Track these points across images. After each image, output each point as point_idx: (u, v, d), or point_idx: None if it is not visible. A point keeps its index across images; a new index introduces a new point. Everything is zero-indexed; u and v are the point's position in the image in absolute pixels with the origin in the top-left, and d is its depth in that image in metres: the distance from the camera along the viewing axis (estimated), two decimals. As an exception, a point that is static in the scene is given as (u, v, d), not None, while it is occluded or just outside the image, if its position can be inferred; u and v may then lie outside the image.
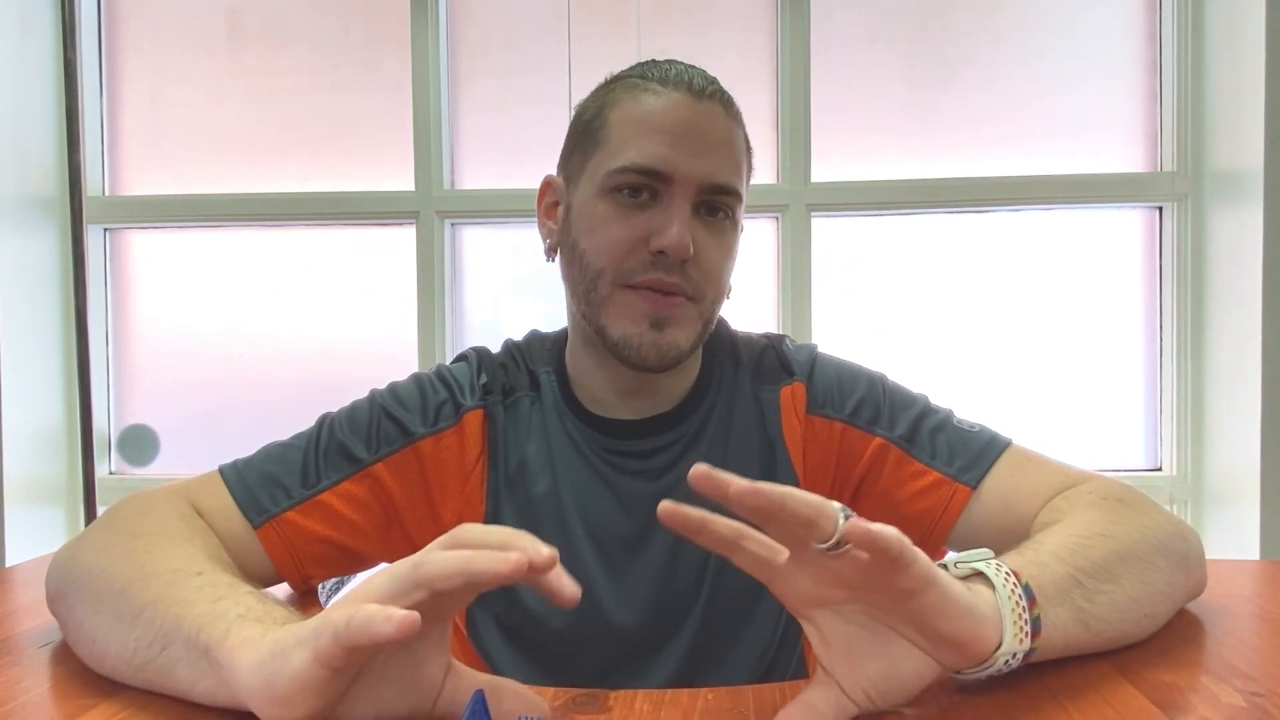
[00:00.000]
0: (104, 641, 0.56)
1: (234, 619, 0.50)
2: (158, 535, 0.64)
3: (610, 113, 0.77)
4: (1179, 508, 1.94)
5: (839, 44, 1.99)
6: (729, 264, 0.79)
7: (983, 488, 0.76)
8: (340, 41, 2.06)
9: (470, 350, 0.87)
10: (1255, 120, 1.75)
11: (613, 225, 0.74)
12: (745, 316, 1.95)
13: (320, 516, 0.75)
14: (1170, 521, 0.68)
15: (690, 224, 0.74)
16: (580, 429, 0.81)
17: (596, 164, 0.76)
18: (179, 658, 0.51)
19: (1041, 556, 0.57)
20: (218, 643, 0.48)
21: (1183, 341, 1.93)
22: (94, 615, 0.58)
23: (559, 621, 0.78)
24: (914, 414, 0.81)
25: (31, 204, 1.97)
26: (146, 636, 0.53)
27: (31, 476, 1.95)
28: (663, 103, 0.74)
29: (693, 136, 0.73)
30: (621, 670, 0.79)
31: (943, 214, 1.99)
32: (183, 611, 0.52)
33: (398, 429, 0.79)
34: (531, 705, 0.50)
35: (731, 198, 0.76)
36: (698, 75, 0.77)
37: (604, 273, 0.75)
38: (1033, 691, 0.54)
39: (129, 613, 0.55)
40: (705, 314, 0.78)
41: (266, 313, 2.08)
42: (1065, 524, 0.64)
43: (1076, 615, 0.55)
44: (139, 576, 0.58)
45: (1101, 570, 0.58)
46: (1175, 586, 0.64)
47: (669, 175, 0.73)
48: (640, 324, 0.74)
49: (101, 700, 0.54)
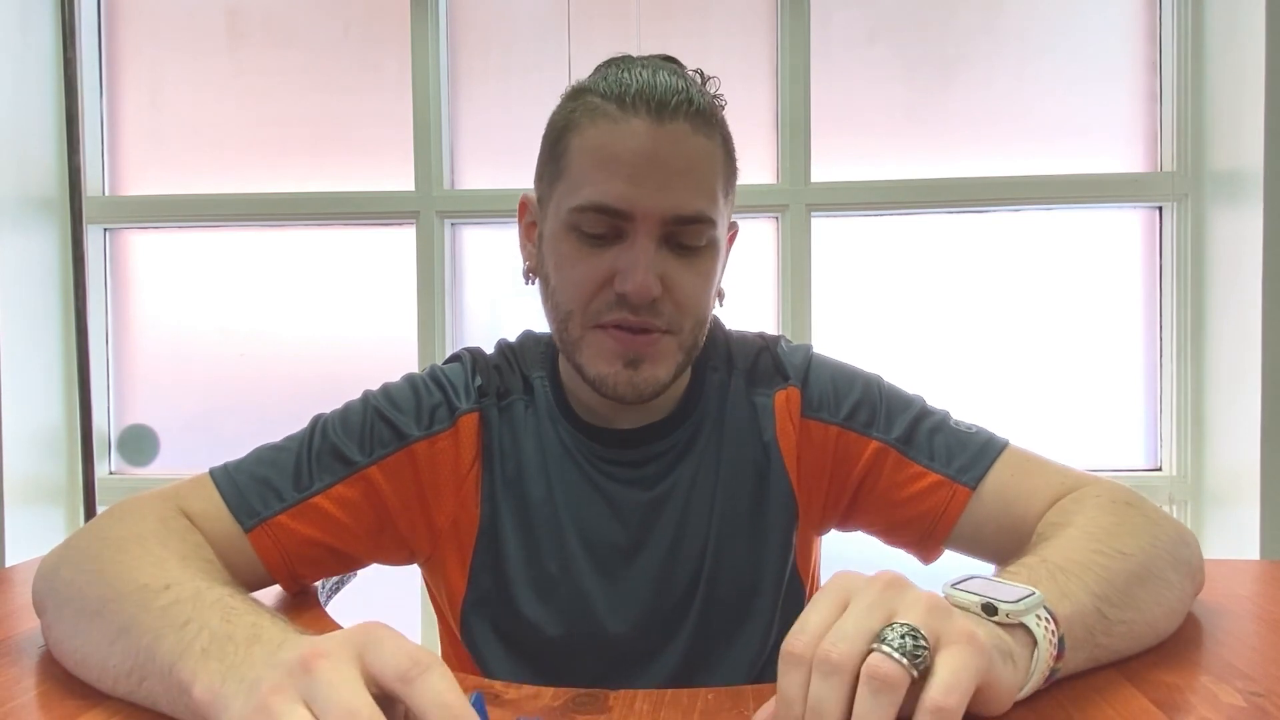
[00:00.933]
0: (85, 665, 0.56)
1: (199, 654, 0.48)
2: (130, 541, 0.62)
3: (571, 139, 0.73)
4: (1179, 508, 1.94)
5: (839, 44, 1.99)
6: (707, 290, 0.76)
7: (982, 488, 0.76)
8: (340, 41, 2.06)
9: (463, 351, 0.87)
10: (1255, 120, 1.75)
11: (578, 265, 0.72)
12: (745, 317, 1.95)
13: (312, 520, 0.74)
14: (1173, 525, 0.68)
15: (659, 258, 0.71)
16: (574, 436, 0.81)
17: (560, 196, 0.73)
18: (158, 693, 0.51)
19: (1071, 587, 0.55)
20: (187, 686, 0.48)
21: (1183, 341, 1.93)
22: (73, 636, 0.58)
23: (554, 630, 0.78)
24: (911, 416, 0.80)
25: (31, 204, 1.97)
26: (124, 666, 0.53)
27: (31, 476, 1.95)
28: (621, 132, 0.69)
29: (654, 168, 0.69)
30: (616, 677, 0.78)
31: (943, 214, 1.99)
32: (154, 644, 0.51)
33: (392, 431, 0.78)
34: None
35: (704, 225, 0.72)
36: (661, 86, 0.70)
37: (573, 315, 0.73)
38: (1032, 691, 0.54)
39: (105, 638, 0.55)
40: (685, 343, 0.75)
41: (266, 313, 2.08)
42: (1083, 533, 0.63)
43: (1091, 655, 0.56)
44: (111, 596, 0.56)
45: (1124, 598, 0.57)
46: (1185, 600, 0.65)
47: (629, 213, 0.69)
48: (614, 364, 0.73)
49: (101, 700, 0.54)
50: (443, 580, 0.82)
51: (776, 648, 0.83)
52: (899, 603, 0.45)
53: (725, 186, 0.76)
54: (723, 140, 0.75)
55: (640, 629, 0.79)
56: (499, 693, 0.57)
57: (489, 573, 0.79)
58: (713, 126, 0.73)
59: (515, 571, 0.79)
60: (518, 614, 0.78)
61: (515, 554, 0.79)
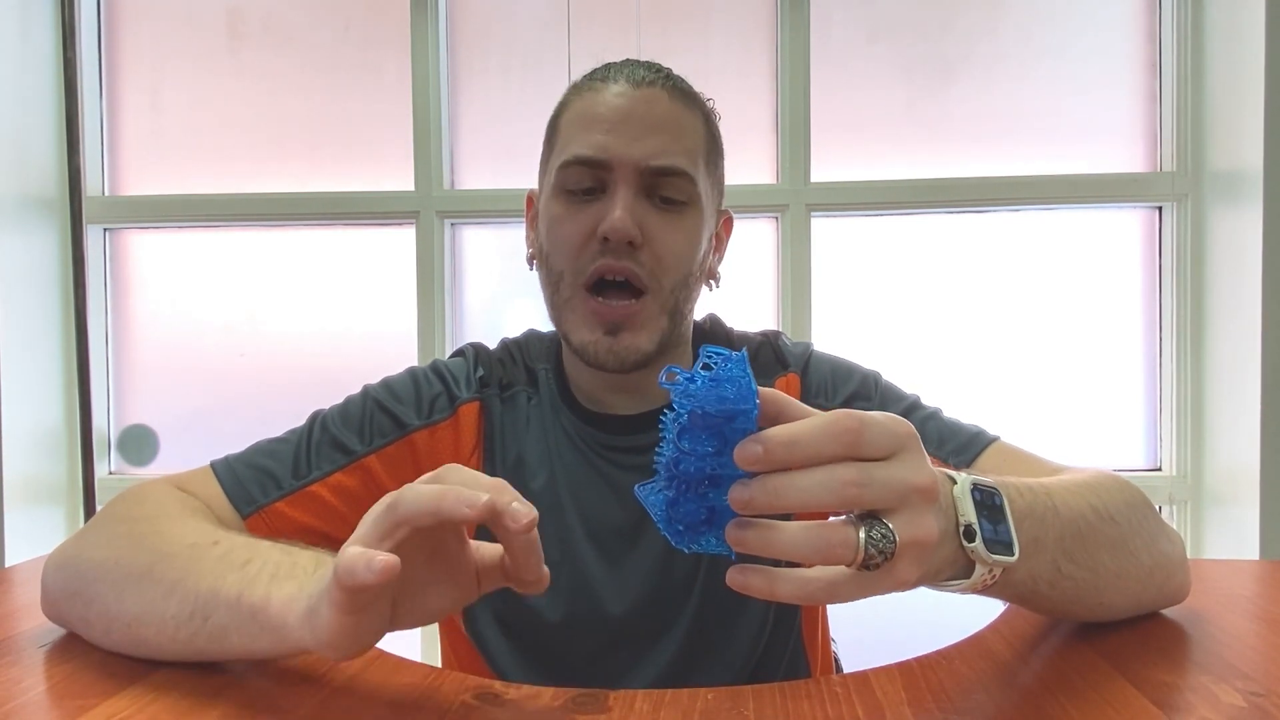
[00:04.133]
0: (139, 624, 0.57)
1: (268, 580, 0.53)
2: (158, 518, 0.64)
3: (561, 117, 0.80)
4: (1179, 508, 1.94)
5: (839, 44, 1.99)
6: (691, 250, 0.78)
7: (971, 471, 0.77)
8: (340, 41, 2.06)
9: (467, 346, 0.88)
10: (1255, 120, 1.75)
11: (565, 223, 0.76)
12: (745, 316, 1.95)
13: (309, 508, 0.75)
14: (1161, 520, 0.68)
15: (639, 208, 0.74)
16: (576, 424, 0.83)
17: (550, 165, 0.79)
18: (227, 624, 0.54)
19: (1046, 535, 0.54)
20: (261, 607, 0.52)
21: (1183, 341, 1.93)
22: (120, 602, 0.59)
23: (556, 613, 0.79)
24: (904, 406, 0.83)
25: (31, 204, 1.97)
26: (184, 611, 0.55)
27: (31, 476, 1.95)
28: (601, 96, 0.76)
29: (630, 121, 0.74)
30: (618, 659, 0.79)
31: (943, 214, 1.99)
32: (216, 583, 0.54)
33: (391, 421, 0.79)
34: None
35: (681, 179, 0.75)
36: (644, 68, 0.77)
37: (563, 276, 0.76)
38: (1033, 691, 0.54)
39: (159, 593, 0.56)
40: (667, 305, 0.77)
41: (267, 313, 2.08)
42: (1086, 485, 0.62)
43: (1021, 593, 0.55)
44: (157, 559, 0.58)
45: (1089, 558, 0.57)
46: (1148, 586, 0.64)
47: (607, 162, 0.74)
48: (595, 331, 0.75)
49: (101, 701, 0.54)
50: None
51: (775, 630, 0.84)
52: (899, 486, 0.44)
53: (708, 158, 0.80)
54: (705, 118, 0.80)
55: (641, 611, 0.79)
56: (499, 693, 0.57)
57: None
58: (693, 102, 0.79)
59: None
60: (519, 598, 0.79)
61: None
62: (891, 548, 0.43)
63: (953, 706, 0.53)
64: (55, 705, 0.55)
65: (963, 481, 0.50)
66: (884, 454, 0.44)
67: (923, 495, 0.44)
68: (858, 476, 0.43)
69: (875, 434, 0.44)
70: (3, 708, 0.54)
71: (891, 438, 0.44)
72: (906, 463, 0.44)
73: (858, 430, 0.43)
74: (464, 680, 0.60)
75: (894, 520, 0.43)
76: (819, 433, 0.43)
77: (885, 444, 0.44)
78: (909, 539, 0.43)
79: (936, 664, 0.60)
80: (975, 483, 0.50)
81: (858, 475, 0.43)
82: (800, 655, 0.85)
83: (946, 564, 0.48)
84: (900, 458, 0.44)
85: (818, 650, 0.88)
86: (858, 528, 0.43)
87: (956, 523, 0.48)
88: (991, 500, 0.50)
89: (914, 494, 0.44)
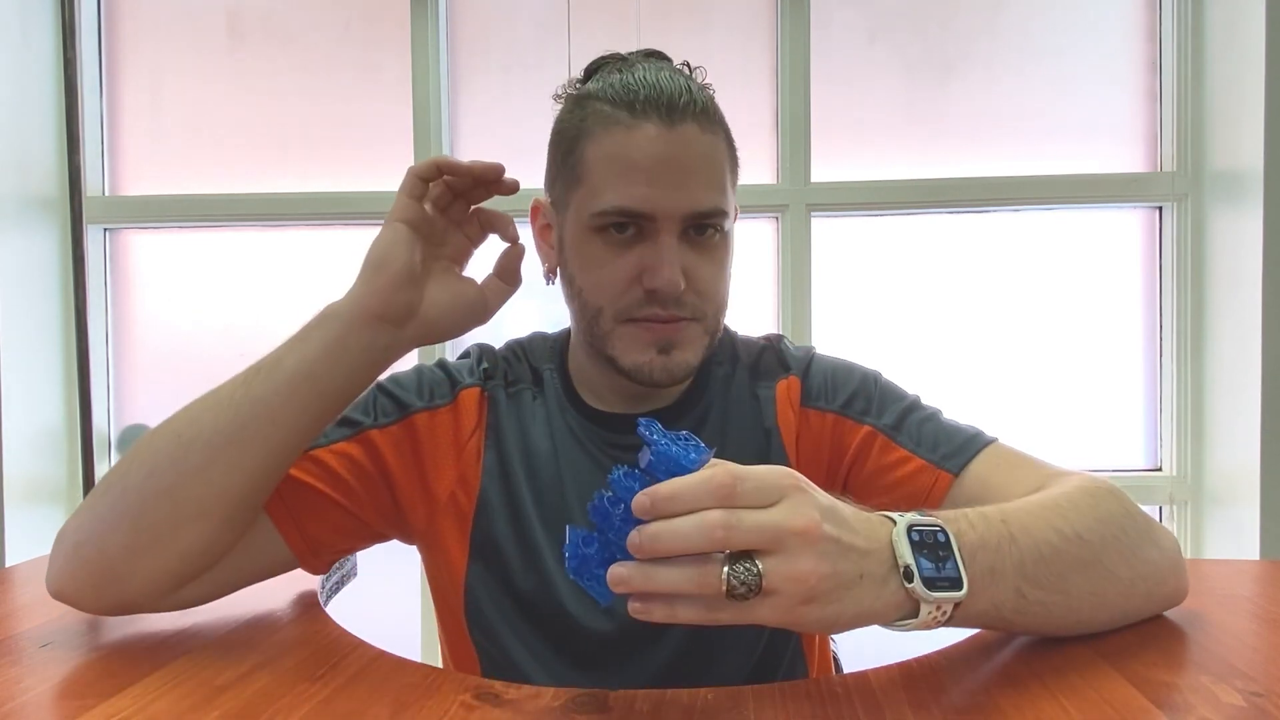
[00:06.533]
0: (195, 425, 0.68)
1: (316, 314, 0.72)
2: (170, 420, 0.71)
3: (586, 147, 0.77)
4: (1179, 508, 1.94)
5: (839, 44, 1.99)
6: (724, 276, 0.80)
7: (964, 475, 0.77)
8: (340, 41, 2.06)
9: (473, 345, 0.91)
10: (1255, 120, 1.75)
11: (605, 265, 0.76)
12: (745, 316, 1.95)
13: (313, 471, 0.76)
14: (1148, 526, 0.67)
15: (679, 252, 0.75)
16: (581, 423, 0.84)
17: (580, 202, 0.77)
18: (289, 348, 0.71)
19: (1004, 564, 0.56)
20: (320, 311, 0.71)
21: (1183, 341, 1.93)
22: (151, 461, 0.68)
23: (560, 607, 0.79)
24: (903, 406, 0.83)
25: (31, 204, 1.97)
26: (240, 379, 0.70)
27: (31, 476, 1.95)
28: (636, 138, 0.74)
29: (670, 169, 0.74)
30: (620, 654, 0.79)
31: (943, 214, 1.99)
32: (250, 376, 0.70)
33: (394, 404, 0.82)
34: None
35: (717, 216, 0.77)
36: (667, 87, 0.75)
37: (603, 310, 0.77)
38: (1033, 691, 0.54)
39: (209, 406, 0.70)
40: (710, 328, 0.80)
41: (266, 313, 2.08)
42: (1045, 504, 0.63)
43: (995, 621, 0.57)
44: (187, 430, 0.69)
45: (1056, 579, 0.58)
46: (1131, 598, 0.64)
47: (650, 214, 0.74)
48: (648, 352, 0.77)
49: (101, 701, 0.55)
50: (442, 557, 0.82)
51: (776, 630, 0.85)
52: (770, 529, 0.48)
53: (732, 177, 0.81)
54: (725, 134, 0.80)
55: None
56: (499, 693, 0.57)
57: (490, 546, 0.81)
58: (716, 123, 0.78)
59: (515, 549, 0.80)
60: (519, 590, 0.80)
61: (518, 533, 0.80)
62: (756, 580, 0.47)
63: (953, 706, 0.53)
64: (55, 705, 0.55)
65: (901, 523, 0.53)
66: (764, 503, 0.49)
67: (801, 537, 0.48)
68: (724, 519, 0.47)
69: (750, 487, 0.48)
70: (3, 708, 0.54)
71: (771, 489, 0.49)
72: (784, 509, 0.49)
73: (731, 485, 0.48)
74: (464, 680, 0.60)
75: (767, 560, 0.48)
76: (697, 487, 0.48)
77: (763, 495, 0.49)
78: (783, 575, 0.48)
79: (936, 664, 0.60)
80: (912, 523, 0.53)
81: (724, 519, 0.47)
82: (800, 655, 0.85)
83: (891, 606, 0.51)
84: (781, 505, 0.49)
85: (817, 650, 0.88)
86: (723, 563, 0.48)
87: (895, 564, 0.52)
88: (934, 538, 0.53)
89: (790, 536, 0.48)
